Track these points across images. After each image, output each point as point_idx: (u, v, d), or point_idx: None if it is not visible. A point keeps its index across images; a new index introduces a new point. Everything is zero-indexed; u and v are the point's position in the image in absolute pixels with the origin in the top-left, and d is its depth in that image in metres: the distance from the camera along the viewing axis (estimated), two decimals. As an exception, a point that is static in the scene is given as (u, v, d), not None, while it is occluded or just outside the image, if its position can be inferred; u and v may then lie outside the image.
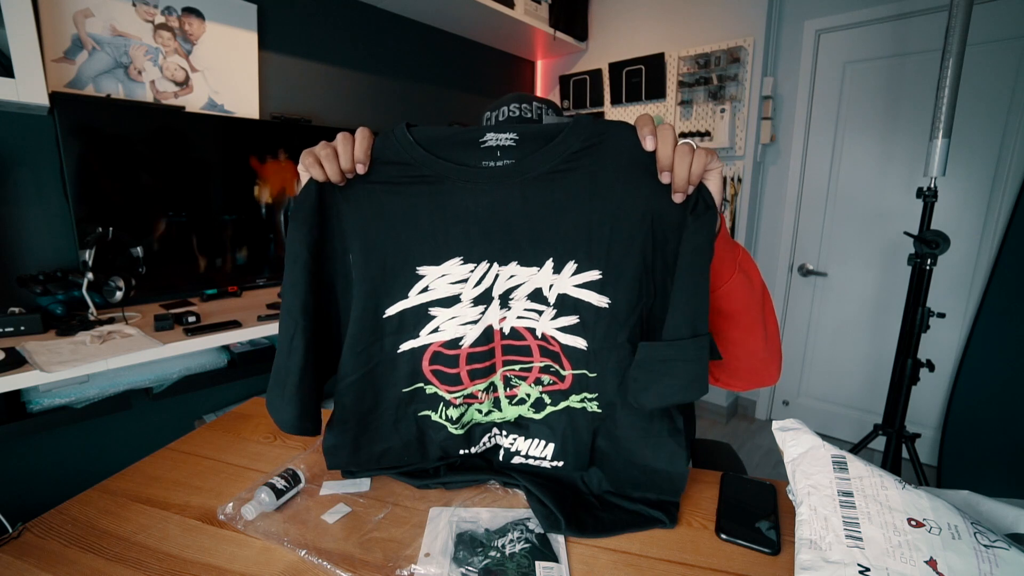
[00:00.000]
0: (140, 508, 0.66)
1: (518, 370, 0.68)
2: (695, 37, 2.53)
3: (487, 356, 0.67)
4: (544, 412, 0.69)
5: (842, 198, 2.36)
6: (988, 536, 0.47)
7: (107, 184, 1.46)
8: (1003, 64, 1.91)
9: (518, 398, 0.69)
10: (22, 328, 1.26)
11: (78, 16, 1.46)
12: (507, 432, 0.70)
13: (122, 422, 1.64)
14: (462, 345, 0.65)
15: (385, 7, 2.27)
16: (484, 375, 0.68)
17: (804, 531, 0.54)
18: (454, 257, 0.62)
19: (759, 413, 2.74)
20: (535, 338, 0.66)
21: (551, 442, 0.68)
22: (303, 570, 0.55)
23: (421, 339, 0.65)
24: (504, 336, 0.66)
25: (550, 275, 0.62)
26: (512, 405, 0.70)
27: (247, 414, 0.95)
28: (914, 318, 1.60)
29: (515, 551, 0.56)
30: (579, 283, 0.61)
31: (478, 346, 0.66)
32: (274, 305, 1.62)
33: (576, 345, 0.64)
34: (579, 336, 0.63)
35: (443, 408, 0.68)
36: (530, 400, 0.69)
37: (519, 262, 0.62)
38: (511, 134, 0.59)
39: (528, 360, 0.67)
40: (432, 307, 0.64)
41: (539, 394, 0.68)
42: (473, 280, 0.63)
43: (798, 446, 0.61)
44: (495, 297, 0.64)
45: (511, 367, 0.68)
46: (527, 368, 0.68)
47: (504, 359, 0.68)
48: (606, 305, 0.61)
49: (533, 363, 0.67)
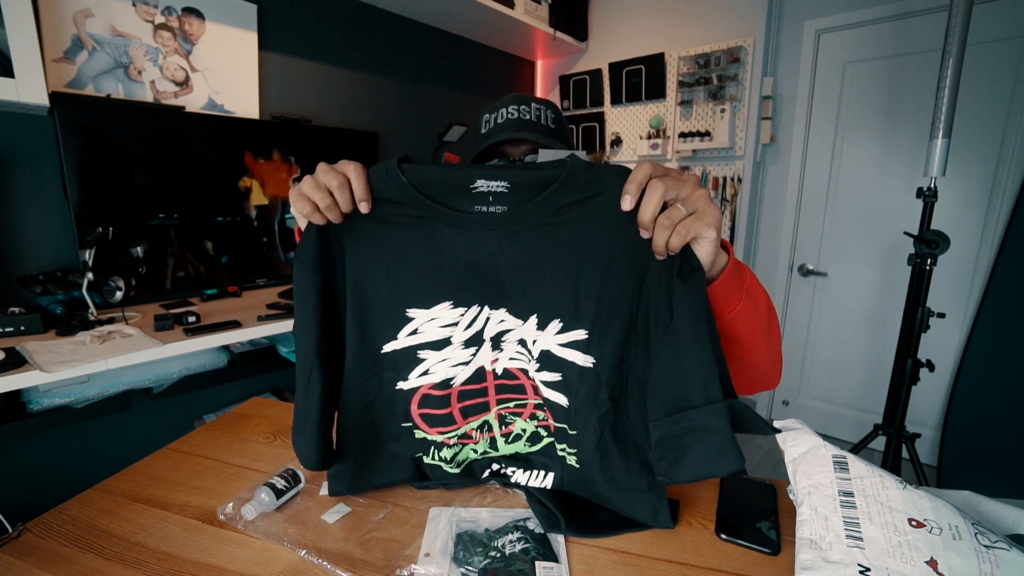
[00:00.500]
0: (140, 508, 0.66)
1: (512, 407, 0.67)
2: (695, 37, 2.53)
3: (480, 394, 0.66)
4: (541, 444, 0.68)
5: (842, 198, 2.36)
6: (989, 537, 0.47)
7: (107, 184, 1.46)
8: (1003, 64, 1.91)
9: (514, 434, 0.68)
10: (22, 328, 1.26)
11: (78, 16, 1.46)
12: (506, 465, 0.69)
13: (122, 422, 1.64)
14: (453, 384, 0.64)
15: (385, 7, 2.27)
16: (477, 412, 0.66)
17: (804, 531, 0.54)
18: (444, 301, 0.61)
19: (759, 413, 2.74)
20: (528, 378, 0.65)
21: (551, 471, 0.67)
22: (303, 570, 0.55)
23: (410, 382, 0.64)
24: (497, 376, 0.65)
25: (534, 331, 0.61)
26: (508, 443, 0.68)
27: (247, 414, 0.95)
28: (914, 318, 1.60)
29: (515, 551, 0.56)
30: (564, 342, 0.60)
31: (470, 384, 0.65)
32: (274, 305, 1.62)
33: (558, 401, 0.63)
34: (561, 393, 0.62)
35: (434, 451, 0.67)
36: (526, 435, 0.68)
37: (508, 310, 0.61)
38: (503, 181, 0.57)
39: (523, 398, 0.66)
40: (421, 350, 0.63)
41: (535, 428, 0.68)
42: (464, 323, 0.62)
43: (799, 446, 0.61)
44: (487, 339, 0.63)
45: (506, 405, 0.67)
46: (522, 405, 0.67)
47: (498, 398, 0.66)
48: (591, 365, 0.60)
49: (528, 400, 0.66)
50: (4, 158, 1.39)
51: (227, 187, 1.70)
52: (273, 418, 0.93)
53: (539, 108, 0.77)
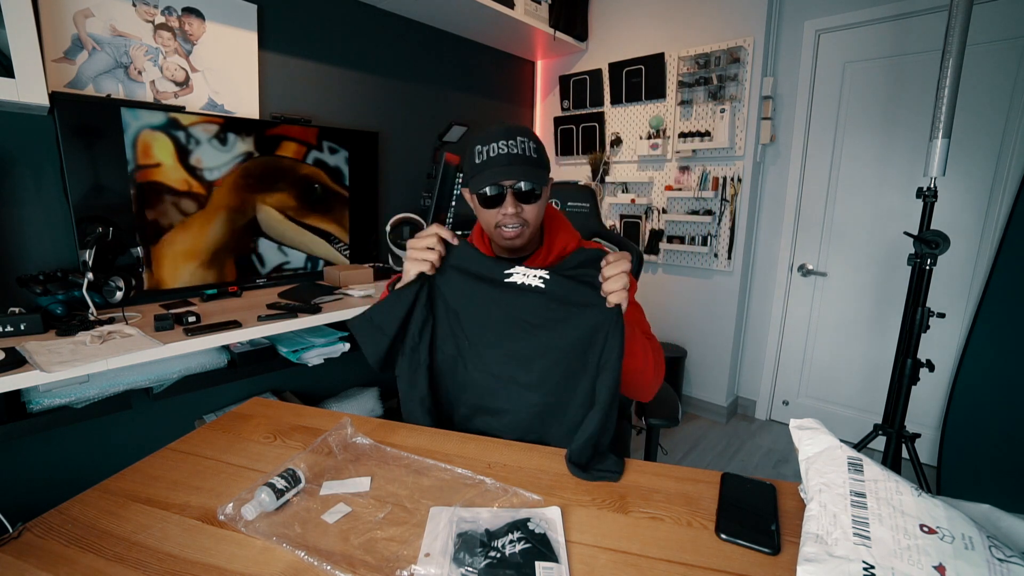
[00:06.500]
0: (140, 508, 0.66)
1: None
2: (695, 37, 2.53)
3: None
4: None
5: (842, 198, 2.36)
6: (1004, 551, 0.47)
7: (107, 184, 1.46)
8: (1003, 64, 1.91)
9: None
10: (22, 328, 1.26)
11: (78, 16, 1.46)
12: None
13: (122, 422, 1.64)
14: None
15: (385, 7, 2.27)
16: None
17: (811, 526, 0.54)
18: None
19: (759, 413, 2.74)
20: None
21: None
22: (303, 570, 0.55)
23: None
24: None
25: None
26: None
27: (247, 414, 0.95)
28: (914, 318, 1.60)
29: (515, 551, 0.56)
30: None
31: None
32: (274, 305, 1.62)
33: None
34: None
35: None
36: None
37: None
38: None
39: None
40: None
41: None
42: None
43: (815, 445, 0.61)
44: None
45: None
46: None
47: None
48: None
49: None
50: (4, 158, 1.39)
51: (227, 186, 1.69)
52: (273, 418, 0.93)
53: (524, 141, 0.92)
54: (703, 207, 2.61)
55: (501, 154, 0.91)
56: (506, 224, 0.93)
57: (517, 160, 0.91)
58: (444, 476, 0.73)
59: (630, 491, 0.71)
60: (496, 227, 0.95)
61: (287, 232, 1.93)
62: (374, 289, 1.88)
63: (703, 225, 2.62)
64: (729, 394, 2.75)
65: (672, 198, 2.71)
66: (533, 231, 0.97)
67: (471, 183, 0.95)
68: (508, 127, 0.95)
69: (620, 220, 2.88)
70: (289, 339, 1.70)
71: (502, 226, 0.94)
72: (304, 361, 1.66)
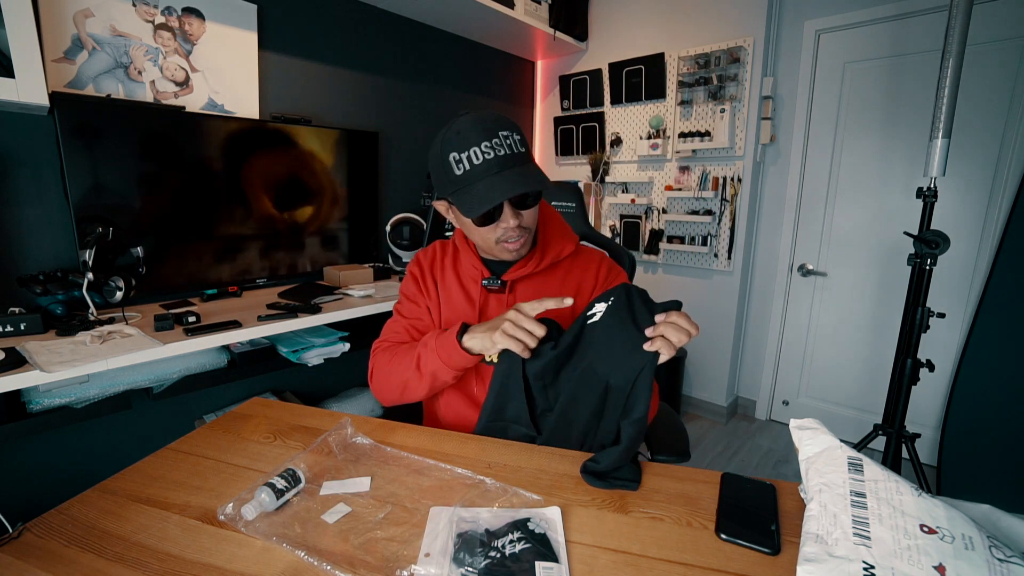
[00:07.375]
0: (140, 508, 0.66)
1: None
2: (695, 37, 2.53)
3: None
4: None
5: (842, 198, 2.36)
6: (1004, 551, 0.47)
7: (107, 184, 1.46)
8: (1003, 64, 1.91)
9: None
10: (22, 328, 1.26)
11: (78, 16, 1.46)
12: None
13: (122, 422, 1.64)
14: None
15: (385, 7, 2.26)
16: None
17: (811, 526, 0.54)
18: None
19: (759, 413, 2.74)
20: None
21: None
22: (303, 570, 0.55)
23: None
24: None
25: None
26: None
27: (247, 414, 0.95)
28: (914, 318, 1.60)
29: (515, 551, 0.56)
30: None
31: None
32: (274, 305, 1.62)
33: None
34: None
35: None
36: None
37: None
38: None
39: None
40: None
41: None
42: None
43: (815, 445, 0.61)
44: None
45: None
46: None
47: None
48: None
49: None
50: (4, 158, 1.39)
51: (227, 186, 1.70)
52: (273, 418, 0.93)
53: (507, 135, 0.78)
54: (703, 207, 2.61)
55: (487, 159, 0.77)
56: (509, 238, 0.84)
57: (508, 163, 0.78)
58: (444, 476, 0.73)
59: (630, 491, 0.71)
60: (497, 243, 0.85)
61: (287, 232, 1.93)
62: (374, 289, 1.88)
63: (703, 225, 2.62)
64: (729, 394, 2.75)
65: (672, 198, 2.71)
66: (533, 233, 0.90)
67: (456, 201, 0.80)
68: (485, 123, 0.78)
69: (620, 220, 2.88)
70: (289, 339, 1.70)
71: (504, 241, 0.84)
72: (304, 361, 1.66)
